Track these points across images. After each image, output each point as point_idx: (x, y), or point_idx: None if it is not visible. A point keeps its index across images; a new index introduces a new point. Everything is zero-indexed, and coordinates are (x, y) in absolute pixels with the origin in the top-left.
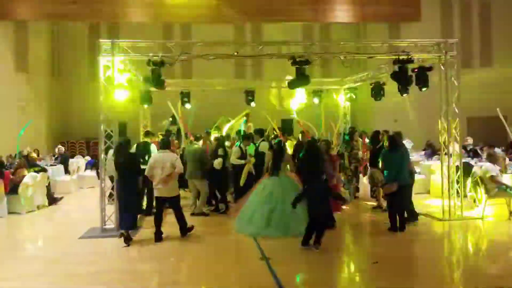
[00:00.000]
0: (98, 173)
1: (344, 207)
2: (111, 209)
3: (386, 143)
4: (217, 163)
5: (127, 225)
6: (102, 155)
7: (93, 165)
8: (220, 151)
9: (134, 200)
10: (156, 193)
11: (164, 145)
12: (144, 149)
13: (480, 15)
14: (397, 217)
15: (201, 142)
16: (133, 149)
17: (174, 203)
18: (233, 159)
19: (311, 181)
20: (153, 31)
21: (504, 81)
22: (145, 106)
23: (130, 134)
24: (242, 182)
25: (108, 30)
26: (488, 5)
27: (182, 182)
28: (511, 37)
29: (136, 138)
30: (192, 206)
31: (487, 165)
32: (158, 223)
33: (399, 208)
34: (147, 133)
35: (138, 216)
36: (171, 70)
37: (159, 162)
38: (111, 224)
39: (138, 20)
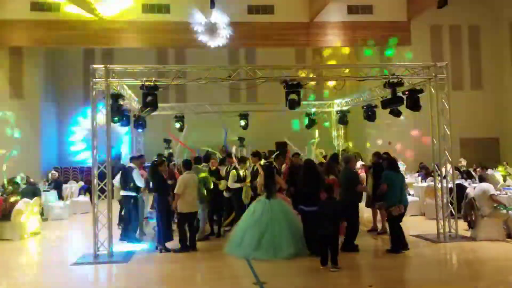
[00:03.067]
0: (91, 199)
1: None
2: (104, 235)
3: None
4: (222, 185)
5: (164, 239)
6: (95, 181)
7: (86, 190)
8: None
9: (161, 217)
10: (184, 210)
11: (188, 166)
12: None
13: (469, 38)
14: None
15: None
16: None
17: (195, 216)
18: (230, 183)
19: (317, 199)
20: (148, 55)
21: (494, 103)
22: (139, 130)
23: (124, 159)
24: (246, 202)
25: (102, 55)
26: (477, 29)
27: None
28: (499, 61)
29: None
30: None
31: (485, 185)
32: (184, 237)
33: (401, 229)
34: (132, 158)
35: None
36: (165, 95)
37: (190, 182)
38: (104, 250)
39: (132, 45)
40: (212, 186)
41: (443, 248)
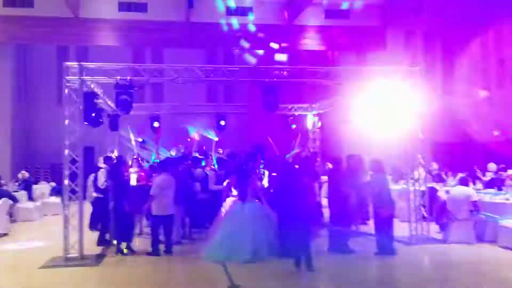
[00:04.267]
0: (63, 200)
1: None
2: (75, 237)
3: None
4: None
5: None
6: (67, 181)
7: (58, 191)
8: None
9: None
10: (160, 212)
11: (164, 167)
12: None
13: (443, 45)
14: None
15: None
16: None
17: (171, 219)
18: (211, 185)
19: (286, 203)
20: (124, 54)
21: (466, 108)
22: (114, 130)
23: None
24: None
25: (76, 53)
26: (449, 36)
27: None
28: (471, 67)
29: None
30: None
31: (467, 189)
32: (157, 240)
33: (389, 232)
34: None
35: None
36: (141, 94)
37: (168, 183)
38: (74, 253)
39: (108, 43)
40: None
41: (414, 250)
